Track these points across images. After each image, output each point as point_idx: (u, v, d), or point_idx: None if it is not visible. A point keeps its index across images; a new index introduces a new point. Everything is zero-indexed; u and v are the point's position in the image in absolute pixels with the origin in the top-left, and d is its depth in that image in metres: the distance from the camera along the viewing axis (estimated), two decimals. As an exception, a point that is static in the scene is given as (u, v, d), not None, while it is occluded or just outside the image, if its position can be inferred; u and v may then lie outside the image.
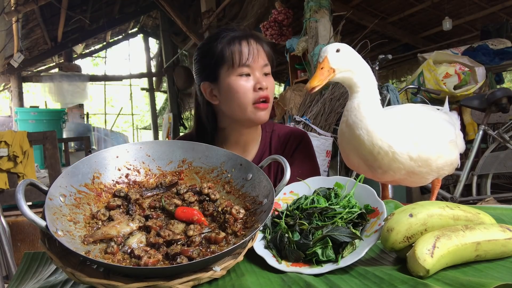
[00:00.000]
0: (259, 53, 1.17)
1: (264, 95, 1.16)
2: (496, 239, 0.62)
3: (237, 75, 1.16)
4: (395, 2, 5.91)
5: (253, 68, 1.16)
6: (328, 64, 0.92)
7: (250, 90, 1.15)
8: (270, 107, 1.20)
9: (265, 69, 1.18)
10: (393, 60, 5.93)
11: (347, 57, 0.95)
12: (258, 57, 1.16)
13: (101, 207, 0.73)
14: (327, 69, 0.92)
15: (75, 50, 8.67)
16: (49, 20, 7.12)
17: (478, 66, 3.61)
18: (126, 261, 0.62)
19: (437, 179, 1.15)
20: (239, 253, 0.66)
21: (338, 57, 0.93)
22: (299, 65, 4.77)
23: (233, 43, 1.16)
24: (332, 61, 0.92)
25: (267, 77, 1.18)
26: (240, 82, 1.15)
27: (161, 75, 9.55)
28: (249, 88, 1.15)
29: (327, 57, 0.93)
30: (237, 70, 1.15)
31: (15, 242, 2.70)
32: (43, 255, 0.90)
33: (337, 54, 0.93)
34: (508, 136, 2.90)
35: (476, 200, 2.86)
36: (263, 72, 1.18)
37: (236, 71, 1.15)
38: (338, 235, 0.66)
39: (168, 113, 8.85)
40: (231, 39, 1.16)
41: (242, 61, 1.15)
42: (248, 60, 1.15)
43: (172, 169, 0.84)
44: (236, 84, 1.16)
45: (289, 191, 0.86)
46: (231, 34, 1.18)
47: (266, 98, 1.17)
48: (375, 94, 0.98)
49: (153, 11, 8.62)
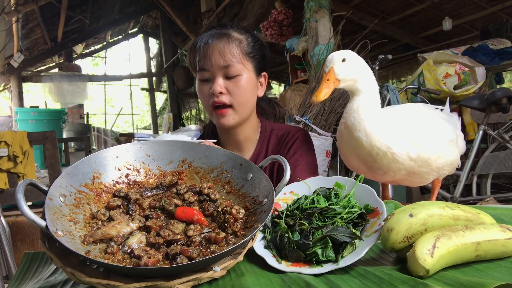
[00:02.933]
0: (221, 55, 1.09)
1: (216, 102, 1.11)
2: (496, 239, 0.62)
3: (199, 79, 1.14)
4: (395, 2, 5.91)
5: (213, 72, 1.11)
6: (334, 76, 0.93)
7: (207, 95, 1.13)
8: (232, 112, 1.13)
9: (229, 71, 1.10)
10: (393, 60, 5.93)
11: (353, 67, 0.95)
12: (219, 59, 1.09)
13: (101, 207, 0.73)
14: (333, 81, 0.93)
15: (75, 50, 8.68)
16: (49, 20, 7.12)
17: (478, 66, 3.61)
18: (126, 261, 0.62)
19: (437, 179, 1.15)
20: (239, 253, 0.66)
21: (344, 68, 0.94)
22: (299, 65, 4.78)
23: (199, 44, 1.12)
24: (338, 72, 0.93)
25: (231, 80, 1.11)
26: (200, 86, 1.15)
27: (161, 75, 9.56)
28: (206, 94, 1.13)
29: (333, 68, 0.93)
30: (199, 74, 1.14)
31: (15, 242, 2.70)
32: (43, 255, 0.90)
33: (343, 65, 0.94)
34: (508, 136, 2.90)
35: (476, 200, 2.86)
36: (225, 75, 1.11)
37: (199, 75, 1.14)
38: (338, 235, 0.66)
39: (168, 113, 8.85)
40: (199, 40, 1.13)
41: (200, 65, 1.12)
42: (205, 64, 1.10)
43: (172, 169, 0.84)
44: (198, 88, 1.16)
45: (289, 191, 0.86)
46: (203, 35, 1.14)
47: (219, 103, 1.11)
48: (375, 97, 0.99)
49: (153, 11, 8.62)
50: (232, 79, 1.11)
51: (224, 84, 1.11)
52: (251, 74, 1.15)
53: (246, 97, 1.14)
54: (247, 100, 1.15)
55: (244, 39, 1.15)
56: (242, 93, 1.12)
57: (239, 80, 1.12)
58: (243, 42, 1.14)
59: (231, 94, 1.11)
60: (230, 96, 1.11)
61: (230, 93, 1.11)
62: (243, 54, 1.13)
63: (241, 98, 1.13)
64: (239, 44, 1.13)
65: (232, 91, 1.11)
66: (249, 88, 1.15)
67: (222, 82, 1.10)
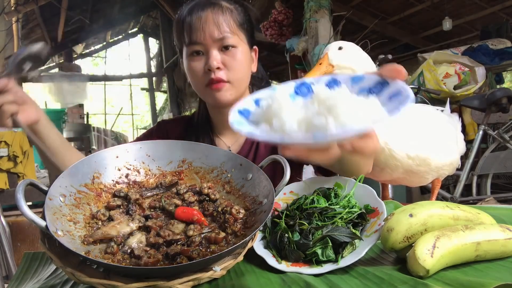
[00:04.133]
0: (215, 25, 0.99)
1: (215, 79, 1.00)
2: (496, 239, 0.62)
3: (189, 54, 1.03)
4: (395, 2, 5.91)
5: (206, 44, 1.00)
6: (327, 61, 0.94)
7: (200, 71, 1.01)
8: (229, 86, 1.02)
9: (224, 42, 1.00)
10: (393, 60, 5.92)
11: (349, 55, 0.95)
12: (212, 30, 0.99)
13: (101, 207, 0.73)
14: (325, 65, 0.94)
15: (75, 50, 8.68)
16: (49, 20, 7.12)
17: (478, 66, 3.61)
18: (126, 261, 0.62)
19: (437, 179, 1.15)
20: (239, 253, 0.66)
21: (339, 54, 0.94)
22: (299, 65, 4.77)
23: (187, 16, 1.01)
24: (332, 57, 0.94)
25: (227, 52, 1.01)
26: (191, 62, 1.02)
27: (161, 75, 9.56)
28: (199, 70, 1.01)
29: (328, 54, 0.94)
30: (189, 48, 1.02)
31: (15, 242, 2.70)
32: (43, 255, 0.90)
33: (338, 52, 0.95)
34: (508, 136, 2.90)
35: (476, 200, 2.86)
36: (220, 47, 1.00)
37: (189, 49, 1.02)
38: (338, 235, 0.66)
39: (168, 113, 8.85)
40: (186, 12, 1.02)
41: (191, 38, 1.00)
42: (198, 36, 0.99)
43: (172, 169, 0.84)
44: (188, 65, 1.04)
45: (289, 191, 0.86)
46: (189, 5, 1.03)
47: (218, 80, 1.00)
48: None
49: (153, 11, 8.62)
50: (228, 52, 1.01)
51: (220, 58, 1.01)
52: (246, 47, 1.06)
53: (244, 71, 1.05)
54: (244, 75, 1.06)
55: (234, 8, 1.05)
56: (240, 66, 1.03)
57: (236, 53, 1.02)
58: (235, 12, 1.04)
59: (228, 68, 1.01)
60: (227, 71, 1.01)
61: (227, 68, 1.01)
62: (237, 25, 1.03)
63: (239, 72, 1.03)
64: (232, 14, 1.03)
65: (229, 64, 1.01)
66: (246, 62, 1.06)
67: (219, 56, 1.00)
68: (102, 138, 8.83)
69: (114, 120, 11.99)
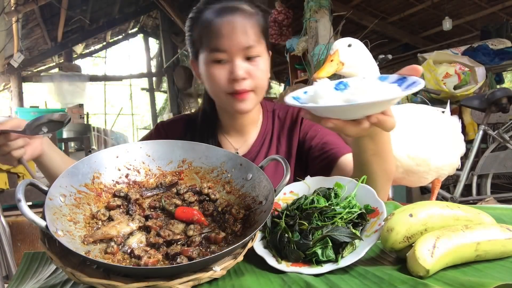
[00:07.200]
0: (243, 33, 0.96)
1: (240, 91, 0.98)
2: (496, 239, 0.62)
3: (211, 60, 0.99)
4: (395, 2, 5.91)
5: (231, 53, 0.97)
6: (338, 58, 0.93)
7: (224, 80, 0.98)
8: (253, 96, 1.01)
9: (250, 51, 0.98)
10: (393, 60, 5.92)
11: (358, 54, 0.95)
12: (240, 39, 0.96)
13: (101, 207, 0.73)
14: (337, 62, 0.93)
15: (75, 50, 8.69)
16: (49, 20, 7.12)
17: (478, 66, 3.61)
18: (126, 261, 0.62)
19: (437, 179, 1.15)
20: (239, 253, 0.66)
21: (349, 52, 0.94)
22: (299, 65, 4.78)
23: (212, 20, 0.97)
24: (343, 54, 0.93)
25: (251, 62, 0.99)
26: (213, 69, 0.99)
27: (161, 75, 9.56)
28: (222, 78, 0.98)
29: (338, 50, 0.93)
30: (212, 55, 0.98)
31: (15, 242, 2.69)
32: (43, 255, 0.90)
33: (348, 49, 0.94)
34: (508, 136, 2.90)
35: (476, 200, 2.86)
36: (245, 56, 0.98)
37: (211, 55, 0.98)
38: (338, 235, 0.66)
39: (168, 113, 8.85)
40: (212, 15, 0.98)
41: (216, 45, 0.96)
42: (222, 44, 0.96)
43: (172, 169, 0.84)
44: (208, 71, 1.00)
45: (289, 191, 0.86)
46: (215, 7, 0.99)
47: (243, 91, 0.99)
48: None
49: (153, 11, 8.63)
50: (253, 62, 0.99)
51: (245, 67, 0.98)
52: (267, 55, 1.05)
53: (266, 79, 1.03)
54: (266, 83, 1.04)
55: (256, 13, 1.01)
56: (263, 75, 1.01)
57: (259, 62, 1.00)
58: (258, 18, 1.01)
59: (252, 77, 0.99)
60: (251, 80, 0.99)
61: (251, 77, 0.99)
62: (260, 32, 1.00)
63: (262, 81, 1.01)
64: (256, 21, 0.99)
65: (254, 74, 0.99)
66: (267, 70, 1.03)
67: (245, 66, 0.98)
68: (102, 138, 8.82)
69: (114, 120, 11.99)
